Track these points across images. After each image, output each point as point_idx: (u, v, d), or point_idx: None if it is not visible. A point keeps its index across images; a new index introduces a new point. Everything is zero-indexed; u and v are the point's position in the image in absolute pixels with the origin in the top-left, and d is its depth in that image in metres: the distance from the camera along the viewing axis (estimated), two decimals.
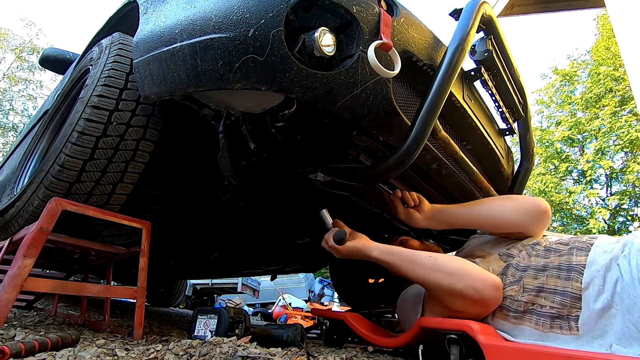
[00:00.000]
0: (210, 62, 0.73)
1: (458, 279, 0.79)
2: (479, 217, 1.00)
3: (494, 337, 0.71)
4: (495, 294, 0.77)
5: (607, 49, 10.84)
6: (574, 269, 0.71)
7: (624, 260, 0.65)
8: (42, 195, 0.88)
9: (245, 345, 0.75)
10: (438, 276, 0.81)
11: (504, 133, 1.37)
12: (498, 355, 0.65)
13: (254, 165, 1.05)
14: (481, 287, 0.77)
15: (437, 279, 0.82)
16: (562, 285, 0.71)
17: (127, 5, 1.25)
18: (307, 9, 0.75)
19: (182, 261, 1.91)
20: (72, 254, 1.08)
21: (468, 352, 0.73)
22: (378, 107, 0.80)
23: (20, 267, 0.73)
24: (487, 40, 1.07)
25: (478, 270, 0.81)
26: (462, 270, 0.80)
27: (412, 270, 0.86)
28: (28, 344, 0.62)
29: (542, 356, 0.59)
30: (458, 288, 0.78)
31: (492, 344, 0.66)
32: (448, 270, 0.81)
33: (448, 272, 0.80)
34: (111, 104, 0.92)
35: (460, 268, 0.81)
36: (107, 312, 1.03)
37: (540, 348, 0.64)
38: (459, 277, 0.79)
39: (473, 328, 0.71)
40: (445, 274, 0.81)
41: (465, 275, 0.79)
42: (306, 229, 1.54)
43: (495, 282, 0.78)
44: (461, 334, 0.74)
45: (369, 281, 2.33)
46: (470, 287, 0.77)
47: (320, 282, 9.40)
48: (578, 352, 0.63)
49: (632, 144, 9.23)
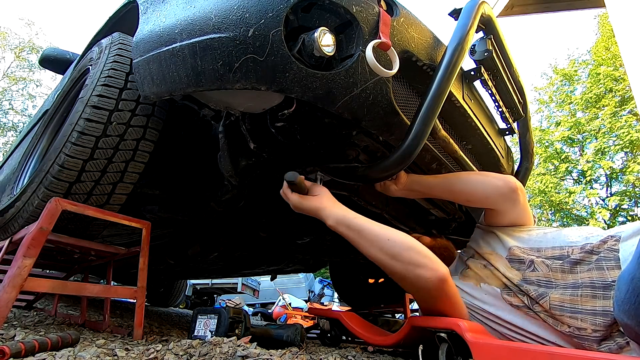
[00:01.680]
0: (209, 62, 0.73)
1: (409, 267, 0.76)
2: (453, 188, 1.02)
3: (481, 335, 0.72)
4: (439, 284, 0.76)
5: (607, 49, 10.85)
6: (612, 287, 0.68)
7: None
8: (42, 195, 0.88)
9: (245, 345, 0.75)
10: (391, 263, 0.78)
11: (504, 133, 1.37)
12: (485, 352, 0.65)
13: (254, 165, 1.05)
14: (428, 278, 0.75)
15: (390, 265, 0.79)
16: (602, 305, 0.68)
17: (127, 5, 1.26)
18: (307, 9, 0.75)
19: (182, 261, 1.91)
20: (72, 254, 1.08)
21: (457, 350, 0.73)
22: (378, 107, 0.80)
23: (20, 267, 0.73)
24: (487, 40, 1.07)
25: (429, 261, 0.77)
26: (414, 260, 0.77)
27: (368, 250, 0.81)
28: (28, 344, 0.62)
29: (527, 354, 0.60)
30: (409, 276, 0.77)
31: (479, 342, 0.67)
32: (401, 258, 0.77)
33: (401, 259, 0.77)
34: (111, 104, 0.92)
35: (413, 257, 0.77)
36: (107, 312, 1.03)
37: (526, 346, 0.64)
38: (409, 266, 0.76)
39: (461, 326, 0.71)
40: (397, 261, 0.77)
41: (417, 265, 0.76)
42: (306, 229, 1.54)
43: (443, 274, 0.76)
44: (450, 332, 0.75)
45: (369, 281, 2.33)
46: (420, 277, 0.76)
47: (320, 282, 9.40)
48: (562, 350, 0.64)
49: (632, 144, 9.23)
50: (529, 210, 0.99)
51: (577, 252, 0.78)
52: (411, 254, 0.78)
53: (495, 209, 0.98)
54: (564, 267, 0.77)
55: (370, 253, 0.81)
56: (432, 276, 0.75)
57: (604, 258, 0.72)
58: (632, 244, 0.70)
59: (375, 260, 0.81)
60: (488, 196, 0.97)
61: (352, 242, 0.83)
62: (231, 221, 1.43)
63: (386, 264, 0.80)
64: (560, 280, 0.76)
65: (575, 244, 0.80)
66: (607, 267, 0.71)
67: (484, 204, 1.00)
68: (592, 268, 0.73)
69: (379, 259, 0.80)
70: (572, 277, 0.75)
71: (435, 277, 0.76)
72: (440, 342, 0.77)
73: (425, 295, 0.80)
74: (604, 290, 0.69)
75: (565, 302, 0.73)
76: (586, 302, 0.70)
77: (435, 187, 1.05)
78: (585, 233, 0.82)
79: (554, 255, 0.81)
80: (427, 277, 0.76)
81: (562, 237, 0.84)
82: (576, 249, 0.79)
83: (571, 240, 0.82)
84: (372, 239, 0.80)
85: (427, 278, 0.76)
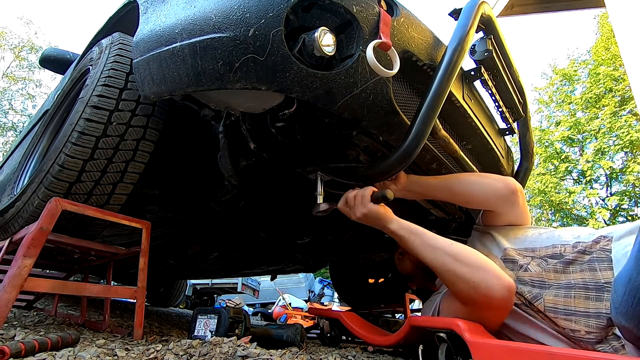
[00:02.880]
0: (210, 62, 0.73)
1: (473, 270, 0.75)
2: (452, 190, 1.02)
3: (480, 335, 0.72)
4: (505, 294, 0.73)
5: (607, 49, 10.85)
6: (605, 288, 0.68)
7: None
8: (42, 195, 0.88)
9: (245, 345, 0.75)
10: (454, 265, 0.77)
11: (504, 133, 1.37)
12: (484, 352, 0.65)
13: (254, 165, 1.05)
14: (493, 284, 0.72)
15: (453, 268, 0.77)
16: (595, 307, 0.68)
17: (127, 5, 1.25)
18: (307, 9, 0.75)
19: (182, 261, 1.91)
20: (72, 254, 1.07)
21: (457, 350, 0.73)
22: (378, 107, 0.80)
23: (20, 267, 0.73)
24: (487, 40, 1.07)
25: (495, 268, 0.76)
26: (478, 264, 0.76)
27: (431, 253, 0.82)
28: (28, 344, 0.62)
29: (526, 353, 0.60)
30: (471, 280, 0.74)
31: (478, 342, 0.67)
32: (465, 260, 0.77)
33: (465, 262, 0.76)
34: (111, 104, 0.92)
35: (477, 261, 0.76)
36: (107, 312, 1.03)
37: (525, 345, 0.65)
38: (474, 269, 0.75)
39: (460, 326, 0.71)
40: (461, 263, 0.76)
41: (480, 268, 0.75)
42: (306, 229, 1.54)
43: (509, 284, 0.74)
44: (449, 332, 0.75)
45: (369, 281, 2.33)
46: (483, 281, 0.73)
47: (320, 282, 9.39)
48: (561, 350, 0.64)
49: (632, 144, 9.23)
50: (527, 211, 1.00)
51: (569, 250, 0.78)
52: (476, 257, 0.77)
53: (494, 210, 0.98)
54: (557, 267, 0.78)
55: (434, 256, 0.81)
56: (498, 283, 0.73)
57: (597, 259, 0.73)
58: (625, 243, 0.70)
59: (438, 263, 0.80)
60: (487, 198, 0.97)
61: (414, 246, 0.85)
62: (231, 221, 1.43)
63: (450, 267, 0.78)
64: (553, 280, 0.77)
65: (568, 242, 0.80)
66: (600, 268, 0.71)
67: (483, 205, 1.00)
68: (584, 269, 0.73)
69: (443, 262, 0.79)
70: (564, 277, 0.75)
71: (501, 284, 0.73)
72: (440, 342, 0.77)
73: (485, 305, 0.75)
74: (597, 292, 0.69)
75: (559, 303, 0.73)
76: (579, 303, 0.70)
77: (434, 188, 1.05)
78: (578, 232, 0.83)
79: (547, 254, 0.82)
80: (493, 283, 0.73)
81: (556, 237, 0.85)
82: (568, 247, 0.79)
83: (564, 239, 0.82)
84: (435, 243, 0.82)
85: (493, 284, 0.73)
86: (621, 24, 3.34)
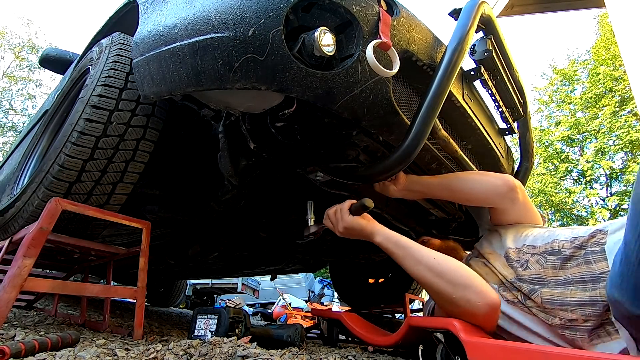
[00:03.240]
0: (210, 62, 0.73)
1: (454, 287, 0.76)
2: (452, 188, 1.03)
3: (476, 334, 0.72)
4: (487, 311, 0.74)
5: (606, 49, 10.84)
6: (600, 278, 0.69)
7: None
8: (42, 195, 0.88)
9: (245, 345, 0.75)
10: (436, 280, 0.79)
11: (504, 133, 1.37)
12: (479, 352, 0.66)
13: (254, 165, 1.05)
14: (474, 302, 0.74)
15: (434, 283, 0.80)
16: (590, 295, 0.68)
17: (127, 5, 1.26)
18: (307, 9, 0.75)
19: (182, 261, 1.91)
20: (72, 254, 1.07)
21: (455, 350, 0.74)
22: (378, 107, 0.80)
23: (20, 267, 0.73)
24: (487, 39, 1.07)
25: (478, 284, 0.77)
26: (460, 281, 0.77)
27: (414, 267, 0.84)
28: (28, 344, 0.62)
29: (521, 353, 0.60)
30: (451, 297, 0.76)
31: (473, 341, 0.67)
32: (447, 277, 0.78)
33: (446, 279, 0.78)
34: (111, 104, 0.92)
35: (459, 278, 0.78)
36: (107, 312, 1.03)
37: (520, 345, 0.65)
38: (454, 286, 0.76)
39: (456, 326, 0.72)
40: (444, 280, 0.78)
41: (461, 285, 0.76)
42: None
43: (492, 300, 0.75)
44: (446, 332, 0.75)
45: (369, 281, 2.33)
46: (463, 298, 0.75)
47: (320, 282, 9.39)
48: (556, 349, 0.64)
49: (632, 144, 9.24)
50: (532, 208, 1.00)
51: (567, 246, 0.79)
52: (458, 274, 0.78)
53: (495, 207, 1.00)
54: (555, 264, 0.79)
55: (416, 271, 0.82)
56: (480, 300, 0.74)
57: (591, 252, 0.74)
58: (619, 236, 0.71)
59: (421, 278, 0.82)
60: (487, 195, 0.99)
61: (398, 259, 0.86)
62: (231, 221, 1.43)
63: (432, 283, 0.80)
64: (551, 277, 0.78)
65: (566, 238, 0.81)
66: (594, 260, 0.72)
67: (483, 203, 1.01)
68: (580, 263, 0.74)
69: (424, 277, 0.81)
70: (562, 273, 0.76)
71: (483, 302, 0.74)
72: (438, 342, 0.77)
73: (468, 319, 0.76)
74: (593, 283, 0.70)
75: (556, 295, 0.74)
76: (575, 294, 0.71)
77: (434, 187, 1.05)
78: (577, 230, 0.84)
79: (546, 251, 0.83)
80: (474, 301, 0.74)
81: (556, 234, 0.86)
82: (566, 243, 0.80)
83: (563, 236, 0.84)
84: (418, 257, 0.83)
85: (474, 301, 0.74)
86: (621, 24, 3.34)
